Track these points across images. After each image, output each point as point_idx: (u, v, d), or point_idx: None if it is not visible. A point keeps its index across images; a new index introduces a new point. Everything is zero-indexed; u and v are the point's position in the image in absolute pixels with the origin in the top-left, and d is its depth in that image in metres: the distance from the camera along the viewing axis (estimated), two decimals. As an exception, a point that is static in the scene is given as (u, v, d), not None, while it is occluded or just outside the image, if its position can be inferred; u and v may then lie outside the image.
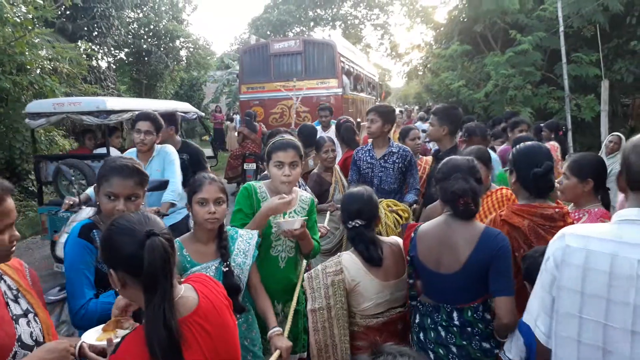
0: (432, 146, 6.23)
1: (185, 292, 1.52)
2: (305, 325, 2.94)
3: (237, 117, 16.78)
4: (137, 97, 18.21)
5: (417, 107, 25.71)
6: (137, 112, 5.87)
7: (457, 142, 4.10)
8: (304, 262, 3.03)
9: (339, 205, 4.07)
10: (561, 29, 10.84)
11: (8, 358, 1.49)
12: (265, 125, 10.23)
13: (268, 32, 33.35)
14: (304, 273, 3.08)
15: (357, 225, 2.44)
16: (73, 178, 5.30)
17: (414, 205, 4.06)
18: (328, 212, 4.09)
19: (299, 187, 3.32)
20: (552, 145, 6.01)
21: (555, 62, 11.94)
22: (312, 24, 35.23)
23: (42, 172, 6.33)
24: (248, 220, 2.65)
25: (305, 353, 2.96)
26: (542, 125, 7.01)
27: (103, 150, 6.06)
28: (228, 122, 16.93)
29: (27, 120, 6.03)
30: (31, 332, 1.60)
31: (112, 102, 5.92)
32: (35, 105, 6.17)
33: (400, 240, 2.58)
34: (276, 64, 10.87)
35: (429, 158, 4.66)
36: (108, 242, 1.46)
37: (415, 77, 23.42)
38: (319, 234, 3.23)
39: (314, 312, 2.36)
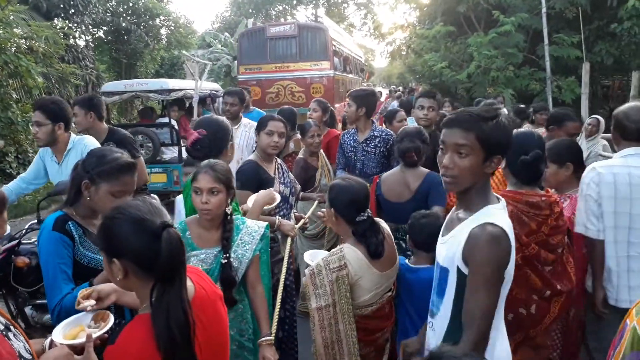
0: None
1: None
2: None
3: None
4: (117, 77, 17.88)
5: (401, 88, 25.66)
6: (189, 91, 7.21)
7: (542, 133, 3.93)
8: (288, 242, 3.03)
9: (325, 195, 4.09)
10: (544, 9, 10.88)
11: None
12: (262, 103, 10.89)
13: (250, 10, 32.78)
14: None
15: (369, 215, 2.36)
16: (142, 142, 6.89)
17: None
18: (316, 201, 4.09)
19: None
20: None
21: (537, 43, 11.99)
22: (294, 2, 34.74)
23: None
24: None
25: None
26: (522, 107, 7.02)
27: (165, 119, 7.54)
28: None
29: (102, 97, 6.94)
30: (24, 346, 1.50)
31: (172, 83, 7.41)
32: (110, 86, 7.50)
33: (386, 224, 2.54)
34: (272, 46, 11.63)
35: None
36: (115, 231, 1.41)
37: (398, 58, 23.35)
38: (301, 222, 3.25)
39: (320, 310, 2.26)
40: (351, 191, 2.36)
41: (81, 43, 15.74)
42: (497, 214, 1.68)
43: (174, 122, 7.35)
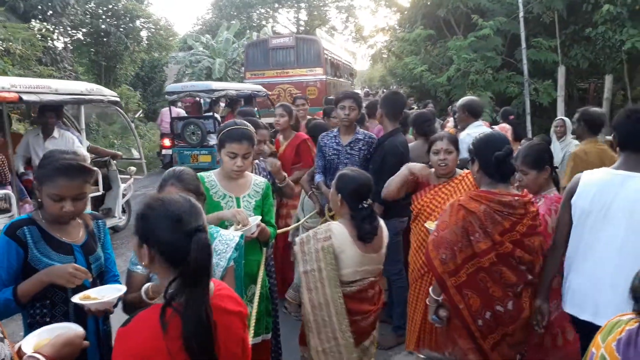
0: None
1: None
2: (268, 307, 2.99)
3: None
4: (96, 79, 17.64)
5: (382, 91, 25.82)
6: (231, 91, 9.61)
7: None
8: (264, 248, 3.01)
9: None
10: (521, 14, 11.08)
11: None
12: (265, 103, 12.51)
13: (232, 13, 32.65)
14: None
15: (369, 205, 2.61)
16: (194, 130, 9.17)
17: None
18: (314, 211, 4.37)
19: (256, 170, 3.34)
20: (503, 127, 6.37)
21: (515, 47, 12.19)
22: (276, 5, 34.72)
23: (175, 126, 9.69)
24: None
25: (270, 335, 3.03)
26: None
27: (210, 114, 9.98)
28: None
29: (166, 96, 9.93)
30: None
31: (216, 85, 9.70)
32: (171, 87, 10.06)
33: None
34: (274, 55, 13.80)
35: None
36: (151, 221, 1.47)
37: (379, 61, 23.45)
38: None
39: (306, 273, 2.55)
40: (357, 181, 2.64)
41: (59, 45, 15.48)
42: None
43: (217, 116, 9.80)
